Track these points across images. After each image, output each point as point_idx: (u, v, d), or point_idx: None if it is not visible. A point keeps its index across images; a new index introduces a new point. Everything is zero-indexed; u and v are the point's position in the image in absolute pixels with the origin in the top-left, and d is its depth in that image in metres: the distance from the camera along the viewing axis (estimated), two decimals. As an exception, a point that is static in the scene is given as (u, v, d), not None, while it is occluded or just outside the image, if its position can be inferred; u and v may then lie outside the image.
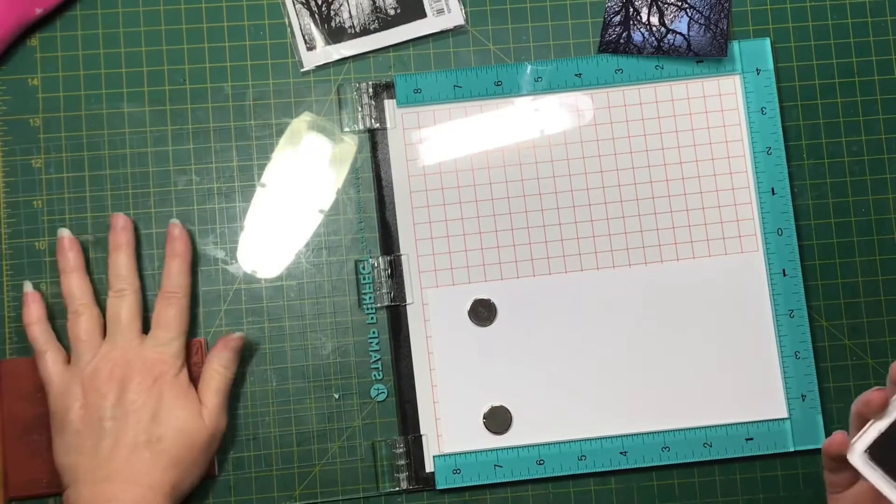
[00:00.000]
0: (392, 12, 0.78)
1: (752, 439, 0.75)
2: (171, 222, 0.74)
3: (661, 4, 0.78)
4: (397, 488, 0.75)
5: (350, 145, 0.78)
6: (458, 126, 0.77)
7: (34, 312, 0.73)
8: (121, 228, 0.74)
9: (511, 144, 0.77)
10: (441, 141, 0.77)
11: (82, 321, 0.72)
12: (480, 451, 0.75)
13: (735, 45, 0.78)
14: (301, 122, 0.77)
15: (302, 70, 0.78)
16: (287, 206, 0.77)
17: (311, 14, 0.78)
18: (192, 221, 0.76)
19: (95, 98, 0.77)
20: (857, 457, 0.59)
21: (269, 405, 0.75)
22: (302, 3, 0.78)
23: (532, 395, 0.75)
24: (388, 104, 0.77)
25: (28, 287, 0.74)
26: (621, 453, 0.75)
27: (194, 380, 0.73)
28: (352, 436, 0.76)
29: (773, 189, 0.77)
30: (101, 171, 0.76)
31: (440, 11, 0.78)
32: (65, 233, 0.74)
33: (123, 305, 0.72)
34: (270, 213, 0.77)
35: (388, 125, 0.77)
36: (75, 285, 0.73)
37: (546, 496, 0.76)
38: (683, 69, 0.78)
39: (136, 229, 0.75)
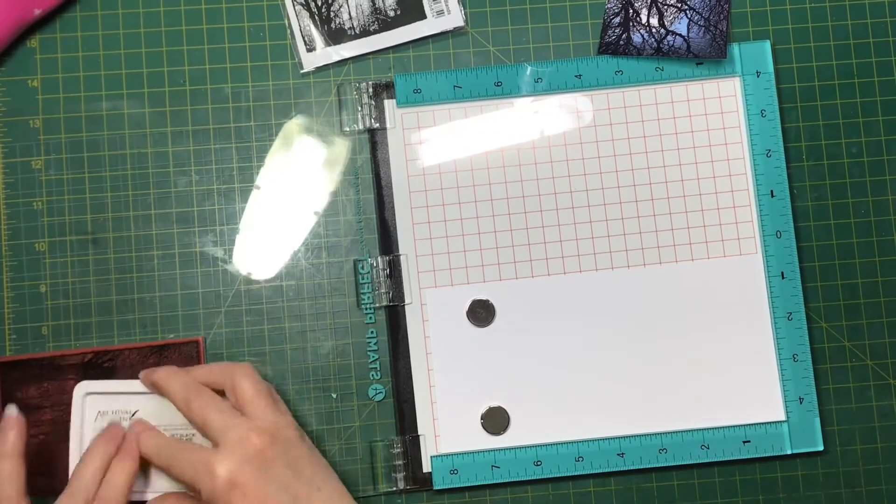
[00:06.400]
0: (392, 13, 0.78)
1: (749, 442, 0.75)
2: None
3: (660, 6, 0.77)
4: (394, 488, 0.75)
5: (349, 146, 0.78)
6: (457, 127, 0.78)
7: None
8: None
9: (511, 145, 0.77)
10: (441, 141, 0.77)
11: None
12: (478, 452, 0.75)
13: (735, 48, 0.78)
14: (300, 123, 0.78)
15: (302, 71, 0.78)
16: (286, 207, 0.77)
17: (311, 15, 0.78)
18: (192, 222, 0.77)
19: (95, 99, 0.77)
20: None
21: (267, 405, 0.76)
22: (302, 5, 0.78)
23: (530, 396, 0.75)
24: (388, 104, 0.77)
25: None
26: (618, 455, 0.75)
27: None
28: (351, 436, 0.76)
29: (772, 192, 0.77)
30: (101, 171, 0.77)
31: (440, 13, 0.78)
32: (13, 411, 0.67)
33: None
34: (270, 214, 0.77)
35: (388, 125, 0.77)
36: (6, 474, 0.65)
37: (545, 497, 0.76)
38: (683, 71, 0.78)
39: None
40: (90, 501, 0.66)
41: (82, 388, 0.71)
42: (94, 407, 0.72)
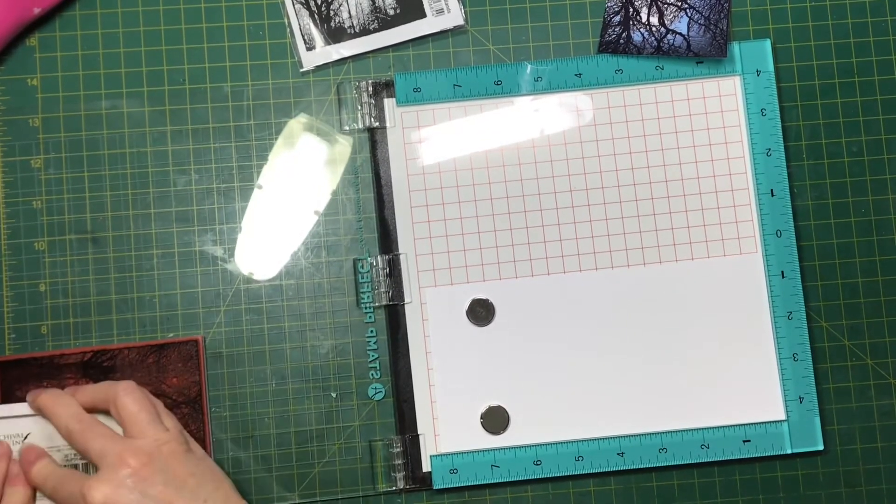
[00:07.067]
0: (391, 12, 0.78)
1: (749, 441, 0.75)
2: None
3: (660, 4, 0.77)
4: (394, 488, 0.75)
5: (349, 145, 0.78)
6: (457, 125, 0.77)
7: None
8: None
9: (510, 144, 0.77)
10: (440, 140, 0.77)
11: None
12: (477, 451, 0.75)
13: (735, 47, 0.78)
14: (300, 122, 0.78)
15: (301, 70, 0.78)
16: (286, 206, 0.77)
17: (311, 14, 0.78)
18: (192, 221, 0.77)
19: (95, 98, 0.77)
20: None
21: (267, 405, 0.76)
22: (301, 3, 0.78)
23: (529, 396, 0.75)
24: (388, 103, 0.77)
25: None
26: (618, 454, 0.75)
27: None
28: (350, 436, 0.76)
29: (772, 191, 0.77)
30: (101, 170, 0.77)
31: (440, 11, 0.78)
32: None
33: None
34: (269, 213, 0.77)
35: (388, 124, 0.77)
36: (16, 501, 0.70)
37: (545, 496, 0.76)
38: (683, 70, 0.78)
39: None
40: None
41: None
42: None
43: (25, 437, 0.71)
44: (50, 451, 0.71)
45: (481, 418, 0.75)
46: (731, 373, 0.76)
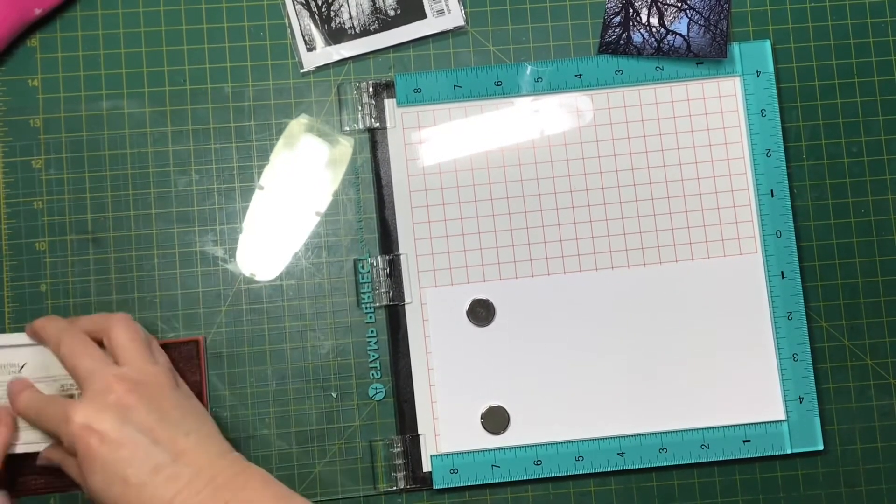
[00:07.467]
0: (392, 13, 0.78)
1: (749, 441, 0.75)
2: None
3: (660, 5, 0.77)
4: (395, 488, 0.75)
5: (350, 146, 0.78)
6: (457, 126, 0.78)
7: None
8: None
9: (511, 145, 0.77)
10: (441, 141, 0.77)
11: None
12: (478, 451, 0.75)
13: (735, 48, 0.78)
14: (301, 122, 0.78)
15: (302, 71, 0.78)
16: (287, 207, 0.77)
17: (311, 15, 0.78)
18: (192, 221, 0.77)
19: (95, 98, 0.77)
20: None
21: (268, 405, 0.76)
22: (302, 4, 0.78)
23: (530, 396, 0.75)
24: (388, 104, 0.77)
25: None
26: (619, 454, 0.75)
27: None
28: (351, 436, 0.76)
29: (772, 191, 0.77)
30: (101, 171, 0.77)
31: (440, 12, 0.78)
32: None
33: None
34: (270, 214, 0.77)
35: (388, 125, 0.77)
36: None
37: (546, 496, 0.76)
38: (683, 70, 0.78)
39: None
40: None
41: None
42: None
43: (22, 367, 0.72)
44: (45, 381, 0.71)
45: (482, 418, 0.75)
46: (731, 373, 0.76)
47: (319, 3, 0.78)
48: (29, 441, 0.71)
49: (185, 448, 0.65)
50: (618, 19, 0.78)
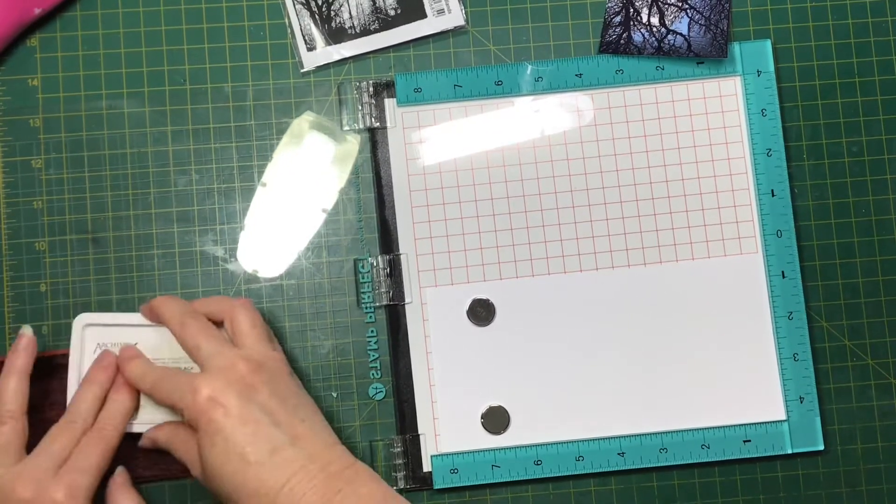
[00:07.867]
0: (392, 13, 0.78)
1: (749, 441, 0.75)
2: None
3: (661, 5, 0.77)
4: (395, 488, 0.75)
5: (350, 145, 0.78)
6: (458, 126, 0.78)
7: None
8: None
9: (511, 144, 0.77)
10: (441, 140, 0.77)
11: (4, 430, 0.67)
12: (478, 451, 0.75)
13: (736, 47, 0.78)
14: (301, 122, 0.78)
15: (302, 70, 0.78)
16: (287, 206, 0.77)
17: (312, 14, 0.78)
18: (192, 221, 0.77)
19: (95, 98, 0.77)
20: None
21: (268, 404, 0.76)
22: (302, 4, 0.78)
23: (530, 396, 0.75)
24: (389, 103, 0.77)
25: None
26: (619, 454, 0.75)
27: None
28: (351, 435, 0.76)
29: (772, 191, 0.77)
30: (101, 170, 0.77)
31: (440, 12, 0.78)
32: (27, 331, 0.71)
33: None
34: (270, 213, 0.77)
35: (388, 124, 0.77)
36: (11, 390, 0.68)
37: (546, 496, 0.76)
38: (684, 70, 0.78)
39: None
40: (87, 430, 0.68)
41: (82, 320, 0.72)
42: (93, 339, 0.72)
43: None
44: (156, 363, 0.71)
45: (482, 418, 0.75)
46: (731, 373, 0.76)
47: (320, 2, 0.78)
48: (144, 421, 0.71)
49: (301, 434, 0.65)
50: (618, 19, 0.78)
